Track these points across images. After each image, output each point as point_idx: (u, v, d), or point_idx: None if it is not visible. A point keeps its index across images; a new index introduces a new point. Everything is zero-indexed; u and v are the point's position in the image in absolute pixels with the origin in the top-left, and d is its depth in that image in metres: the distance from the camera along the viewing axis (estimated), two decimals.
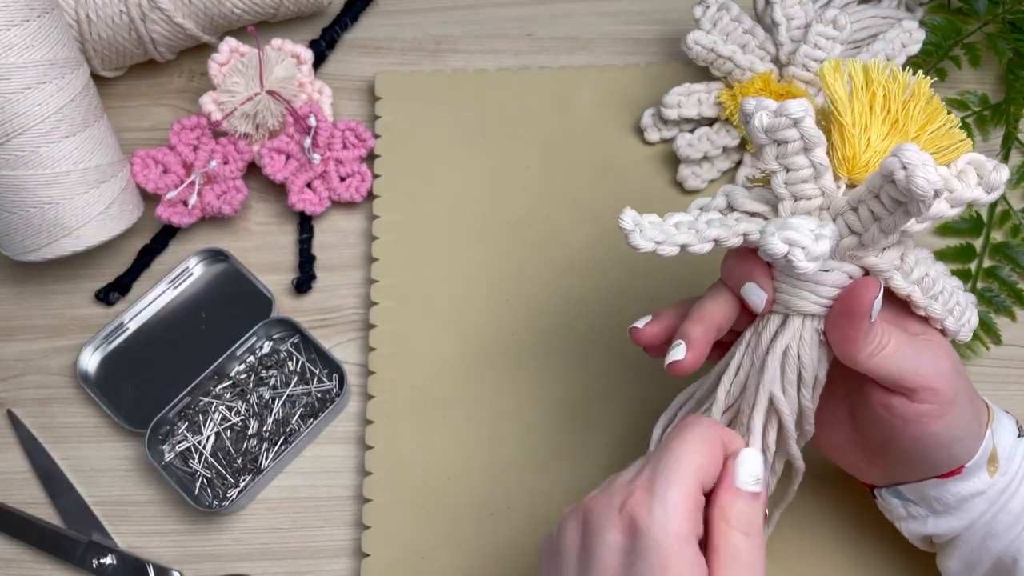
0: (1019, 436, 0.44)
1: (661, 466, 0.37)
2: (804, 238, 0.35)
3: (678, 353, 0.41)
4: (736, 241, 0.41)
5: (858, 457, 0.46)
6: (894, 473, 0.45)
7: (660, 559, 0.34)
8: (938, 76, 0.63)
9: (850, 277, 0.40)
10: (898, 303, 0.42)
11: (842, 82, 0.41)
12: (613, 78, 0.64)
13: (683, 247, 0.40)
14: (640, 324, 0.44)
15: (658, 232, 0.40)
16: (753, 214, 0.42)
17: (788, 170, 0.40)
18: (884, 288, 0.40)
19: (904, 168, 0.35)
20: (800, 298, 0.41)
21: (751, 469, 0.38)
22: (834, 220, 0.40)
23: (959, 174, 0.39)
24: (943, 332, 0.43)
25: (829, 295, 0.40)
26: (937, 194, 0.35)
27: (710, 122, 0.61)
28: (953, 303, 0.43)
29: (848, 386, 0.44)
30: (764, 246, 0.36)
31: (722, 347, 0.45)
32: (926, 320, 0.43)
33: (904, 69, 0.42)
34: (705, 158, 0.61)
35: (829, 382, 0.43)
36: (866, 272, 0.41)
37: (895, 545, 0.50)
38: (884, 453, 0.44)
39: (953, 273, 0.59)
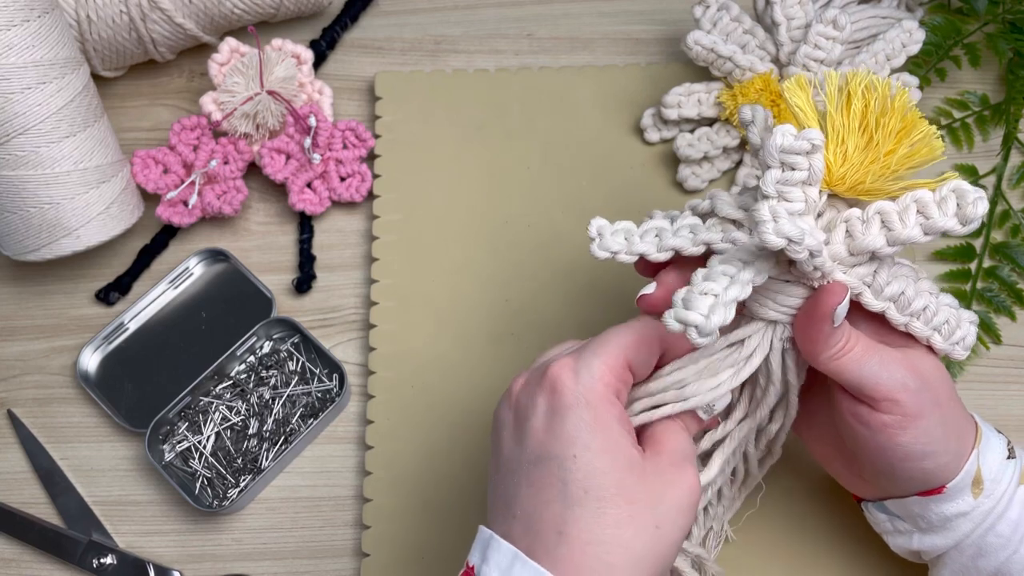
0: (1008, 458, 0.44)
1: (592, 343, 0.40)
2: (696, 318, 0.36)
3: (648, 288, 0.43)
4: (697, 250, 0.42)
5: (843, 468, 0.46)
6: (877, 487, 0.45)
7: (588, 412, 0.38)
8: (938, 76, 0.63)
9: (814, 289, 0.40)
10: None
11: (806, 99, 0.40)
12: (613, 78, 0.64)
13: (642, 255, 0.42)
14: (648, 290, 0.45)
15: (618, 242, 0.42)
16: (733, 220, 0.42)
17: (783, 200, 0.38)
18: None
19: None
20: (761, 304, 0.41)
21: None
22: None
23: (940, 201, 0.39)
24: (931, 350, 0.42)
25: (791, 304, 0.40)
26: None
27: (710, 122, 0.61)
28: (940, 321, 0.42)
29: (831, 394, 0.44)
30: (664, 323, 0.38)
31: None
32: (911, 335, 0.42)
33: (895, 74, 0.40)
34: (705, 158, 0.61)
35: (817, 392, 0.43)
36: None
37: (887, 558, 0.49)
38: (861, 464, 0.44)
39: (953, 273, 0.59)
